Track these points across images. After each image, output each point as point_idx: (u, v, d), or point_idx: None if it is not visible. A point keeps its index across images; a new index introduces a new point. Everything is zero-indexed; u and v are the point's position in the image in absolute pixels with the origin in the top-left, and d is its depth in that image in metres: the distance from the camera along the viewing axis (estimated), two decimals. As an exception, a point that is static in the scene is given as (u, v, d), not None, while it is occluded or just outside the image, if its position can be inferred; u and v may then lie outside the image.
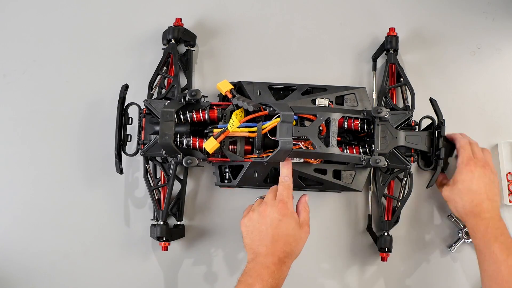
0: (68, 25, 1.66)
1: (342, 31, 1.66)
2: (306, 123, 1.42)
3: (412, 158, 1.47)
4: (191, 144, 1.44)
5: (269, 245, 1.31)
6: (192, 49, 1.62)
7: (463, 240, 1.57)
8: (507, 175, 1.59)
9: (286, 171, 1.39)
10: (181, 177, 1.56)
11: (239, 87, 1.53)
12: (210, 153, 1.42)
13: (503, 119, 1.63)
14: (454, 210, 1.47)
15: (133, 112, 1.51)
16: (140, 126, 1.49)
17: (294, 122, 1.40)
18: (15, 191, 1.61)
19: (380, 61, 1.63)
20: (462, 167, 1.44)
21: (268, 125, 1.40)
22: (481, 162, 1.45)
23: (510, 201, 1.58)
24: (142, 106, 1.49)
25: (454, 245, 1.58)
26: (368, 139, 1.48)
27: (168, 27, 1.58)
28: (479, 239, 1.39)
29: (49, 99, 1.63)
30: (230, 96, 1.43)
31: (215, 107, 1.46)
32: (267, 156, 1.40)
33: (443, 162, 1.46)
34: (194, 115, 1.45)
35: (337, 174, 1.49)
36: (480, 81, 1.64)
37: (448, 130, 1.46)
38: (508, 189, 1.58)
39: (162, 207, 1.51)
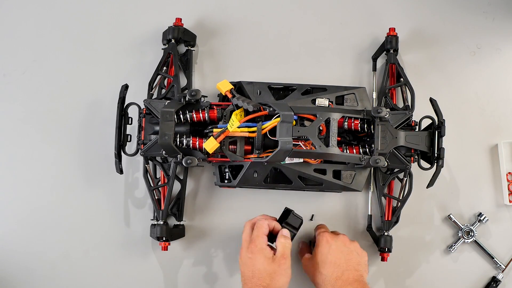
0: (68, 25, 1.66)
1: (342, 31, 1.66)
2: (306, 123, 1.43)
3: (412, 158, 1.47)
4: (191, 144, 1.44)
5: (247, 282, 1.36)
6: (192, 49, 1.63)
7: (463, 240, 1.57)
8: (507, 175, 1.59)
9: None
10: (181, 177, 1.57)
11: (239, 87, 1.53)
12: (210, 153, 1.42)
13: (503, 119, 1.63)
14: (315, 283, 1.45)
15: (133, 112, 1.51)
16: (140, 126, 1.50)
17: (294, 122, 1.40)
18: (15, 191, 1.62)
19: (380, 61, 1.63)
20: (320, 240, 1.45)
21: (268, 125, 1.40)
22: (340, 237, 1.45)
23: (510, 201, 1.58)
24: (142, 106, 1.49)
25: (454, 245, 1.58)
26: (368, 139, 1.48)
27: (168, 27, 1.59)
28: None
29: (49, 99, 1.64)
30: (230, 96, 1.43)
31: (215, 107, 1.46)
32: (267, 156, 1.40)
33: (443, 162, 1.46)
34: (194, 115, 1.45)
35: (337, 174, 1.49)
36: (480, 81, 1.64)
37: (448, 130, 1.45)
38: (508, 189, 1.58)
39: (162, 207, 1.51)
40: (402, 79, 1.55)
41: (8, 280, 1.59)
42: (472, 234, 1.57)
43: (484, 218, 1.58)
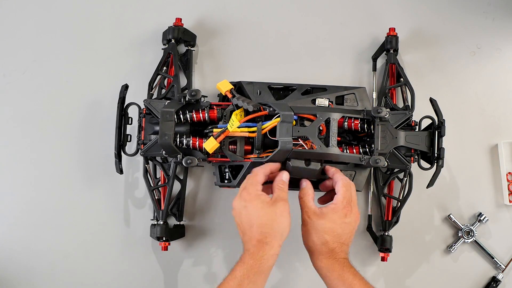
0: (68, 25, 1.66)
1: (342, 31, 1.66)
2: (306, 123, 1.42)
3: (412, 158, 1.47)
4: (191, 144, 1.44)
5: (247, 232, 1.29)
6: (192, 49, 1.63)
7: (463, 240, 1.57)
8: (507, 175, 1.59)
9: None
10: (181, 177, 1.57)
11: (239, 87, 1.53)
12: (210, 153, 1.42)
13: (503, 119, 1.63)
14: (306, 239, 1.37)
15: (132, 112, 1.51)
16: (140, 126, 1.49)
17: (294, 122, 1.39)
18: (15, 191, 1.62)
19: (380, 61, 1.63)
20: (339, 207, 1.34)
21: (268, 125, 1.39)
22: (355, 208, 1.37)
23: (510, 201, 1.58)
24: (142, 106, 1.49)
25: (454, 245, 1.58)
26: (368, 139, 1.48)
27: (168, 27, 1.59)
28: (337, 278, 1.33)
29: (49, 99, 1.64)
30: (230, 96, 1.43)
31: (215, 107, 1.46)
32: (267, 156, 1.39)
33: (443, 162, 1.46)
34: (194, 115, 1.45)
35: (337, 174, 1.48)
36: (480, 81, 1.64)
37: (448, 130, 1.45)
38: (508, 189, 1.58)
39: (162, 207, 1.51)
40: (402, 79, 1.55)
41: (8, 280, 1.59)
42: (472, 234, 1.57)
43: (484, 218, 1.58)
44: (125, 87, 1.50)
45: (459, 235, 1.58)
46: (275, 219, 1.28)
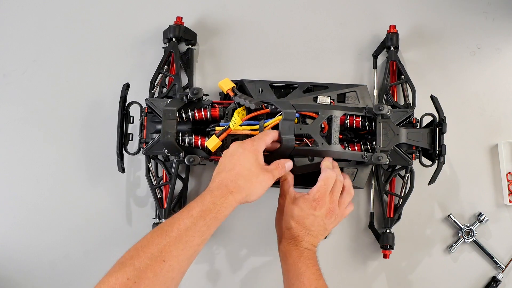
0: (68, 25, 1.67)
1: (343, 28, 1.66)
2: (308, 121, 1.42)
3: (413, 155, 1.47)
4: (193, 143, 1.43)
5: (222, 174, 1.27)
6: (192, 47, 1.63)
7: (463, 240, 1.57)
8: (507, 175, 1.59)
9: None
10: (183, 176, 1.57)
11: (240, 85, 1.54)
12: (213, 151, 1.41)
13: (503, 119, 1.63)
14: (276, 222, 1.42)
15: (134, 111, 1.51)
16: (141, 125, 1.49)
17: (296, 120, 1.40)
18: (16, 191, 1.61)
19: (381, 59, 1.63)
20: (310, 198, 1.37)
21: (270, 123, 1.39)
22: (332, 203, 1.38)
23: (510, 201, 1.58)
24: (144, 105, 1.49)
25: (454, 245, 1.58)
26: (369, 137, 1.48)
27: (169, 25, 1.59)
28: (290, 265, 1.34)
29: (49, 99, 1.64)
30: (231, 94, 1.43)
31: (216, 105, 1.46)
32: (267, 155, 1.39)
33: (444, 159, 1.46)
34: (196, 114, 1.45)
35: (339, 172, 1.49)
36: (480, 81, 1.64)
37: (448, 130, 1.45)
38: (508, 189, 1.59)
39: (165, 206, 1.51)
40: (403, 76, 1.56)
41: (8, 280, 1.58)
42: (472, 234, 1.57)
43: (484, 218, 1.58)
44: (126, 86, 1.50)
45: (459, 235, 1.58)
46: (253, 180, 1.28)
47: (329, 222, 1.38)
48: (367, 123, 1.45)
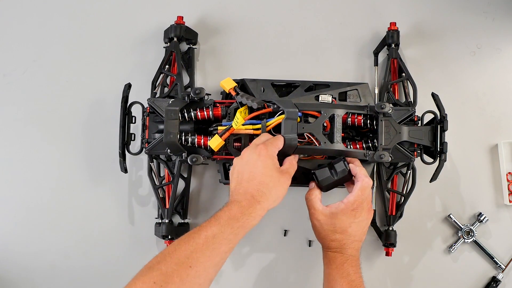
0: (68, 25, 1.67)
1: (343, 26, 1.67)
2: (310, 119, 1.43)
3: (415, 153, 1.48)
4: (195, 142, 1.43)
5: (244, 184, 1.28)
6: (194, 47, 1.63)
7: (463, 240, 1.58)
8: (507, 175, 1.59)
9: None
10: (185, 175, 1.57)
11: (242, 85, 1.54)
12: (215, 150, 1.41)
13: (503, 119, 1.63)
14: (318, 236, 1.42)
15: (135, 111, 1.51)
16: (144, 125, 1.49)
17: (299, 119, 1.40)
18: (16, 191, 1.61)
19: (382, 56, 1.64)
20: (348, 209, 1.36)
21: (273, 122, 1.40)
22: (368, 205, 1.39)
23: (510, 201, 1.59)
24: (146, 105, 1.49)
25: (454, 245, 1.58)
26: (371, 135, 1.48)
27: (170, 25, 1.59)
28: (333, 269, 1.36)
29: (49, 99, 1.64)
30: (234, 93, 1.43)
31: (218, 105, 1.46)
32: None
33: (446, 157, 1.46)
34: (198, 113, 1.45)
35: (341, 170, 1.49)
36: (480, 81, 1.64)
37: (448, 130, 1.45)
38: (508, 189, 1.59)
39: (167, 206, 1.51)
40: (404, 74, 1.57)
41: (8, 280, 1.58)
42: (472, 234, 1.57)
43: (484, 218, 1.58)
44: (128, 86, 1.50)
45: (459, 235, 1.58)
46: (276, 185, 1.29)
47: (368, 221, 1.40)
48: (368, 121, 1.46)
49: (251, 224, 1.24)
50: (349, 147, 1.45)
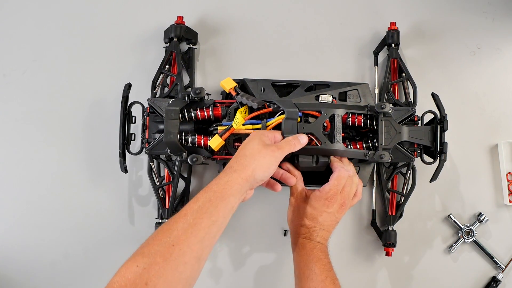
0: (68, 25, 1.66)
1: (343, 26, 1.67)
2: (310, 119, 1.43)
3: (415, 153, 1.48)
4: (196, 142, 1.43)
5: (236, 159, 1.28)
6: (194, 47, 1.63)
7: (463, 240, 1.57)
8: (507, 175, 1.59)
9: None
10: (185, 175, 1.57)
11: (242, 85, 1.54)
12: (215, 150, 1.41)
13: (503, 119, 1.63)
14: (289, 219, 1.44)
15: (135, 111, 1.51)
16: (144, 125, 1.49)
17: (299, 119, 1.40)
18: (16, 191, 1.61)
19: (382, 56, 1.64)
20: (322, 197, 1.39)
21: (273, 122, 1.40)
22: (343, 199, 1.40)
23: (510, 201, 1.59)
24: (146, 105, 1.49)
25: (454, 245, 1.58)
26: (371, 135, 1.48)
27: (170, 25, 1.59)
28: (303, 256, 1.36)
29: (49, 99, 1.63)
30: (234, 93, 1.43)
31: (219, 105, 1.46)
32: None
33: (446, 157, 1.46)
34: (199, 113, 1.45)
35: (341, 170, 1.49)
36: (480, 81, 1.64)
37: (448, 130, 1.45)
38: (508, 189, 1.59)
39: (167, 205, 1.51)
40: (404, 74, 1.57)
41: (8, 280, 1.58)
42: (472, 234, 1.57)
43: (484, 218, 1.58)
44: (128, 86, 1.50)
45: (459, 235, 1.58)
46: (255, 155, 1.27)
47: (341, 216, 1.41)
48: (369, 121, 1.46)
49: (229, 193, 1.21)
50: (349, 147, 1.45)
